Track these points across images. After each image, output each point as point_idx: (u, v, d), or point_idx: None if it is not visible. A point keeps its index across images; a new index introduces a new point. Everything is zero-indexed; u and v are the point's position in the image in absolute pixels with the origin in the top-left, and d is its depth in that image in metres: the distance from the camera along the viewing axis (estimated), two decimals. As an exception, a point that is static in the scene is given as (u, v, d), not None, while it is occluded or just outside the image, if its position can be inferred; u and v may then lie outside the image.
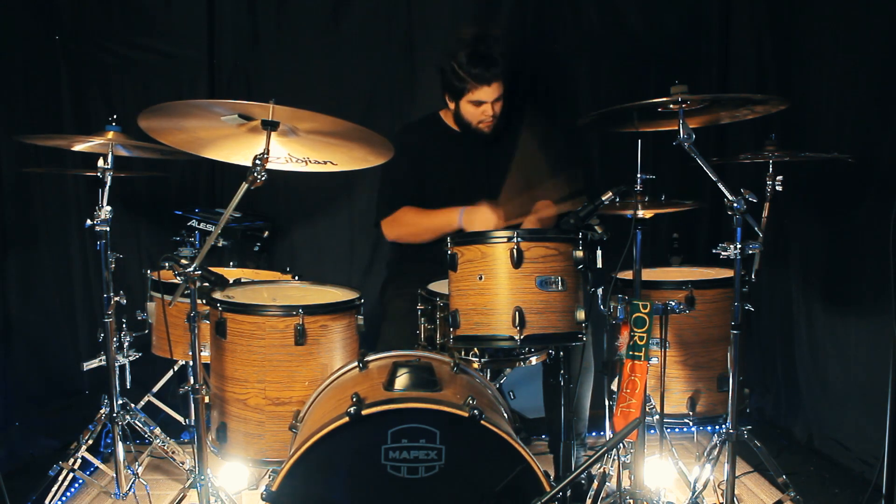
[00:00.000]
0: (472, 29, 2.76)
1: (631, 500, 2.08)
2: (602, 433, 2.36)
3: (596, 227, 2.03)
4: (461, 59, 2.67)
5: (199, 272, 1.98)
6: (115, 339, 2.53)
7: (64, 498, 2.66)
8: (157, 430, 2.63)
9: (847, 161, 2.57)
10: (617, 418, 2.00)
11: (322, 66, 3.46)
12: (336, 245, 3.57)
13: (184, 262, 1.97)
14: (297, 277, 2.67)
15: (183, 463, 2.62)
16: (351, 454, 1.70)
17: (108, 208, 2.38)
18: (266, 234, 3.32)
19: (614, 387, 2.11)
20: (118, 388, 2.52)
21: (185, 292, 2.01)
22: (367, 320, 2.30)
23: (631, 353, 1.98)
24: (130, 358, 2.68)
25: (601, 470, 2.28)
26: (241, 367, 2.14)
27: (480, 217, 2.58)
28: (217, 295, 2.23)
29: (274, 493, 1.66)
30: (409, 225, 2.78)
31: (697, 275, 2.66)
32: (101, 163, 2.41)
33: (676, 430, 3.23)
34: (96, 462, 2.67)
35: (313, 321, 2.14)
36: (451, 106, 2.79)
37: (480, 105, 2.70)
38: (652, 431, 2.23)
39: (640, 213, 2.08)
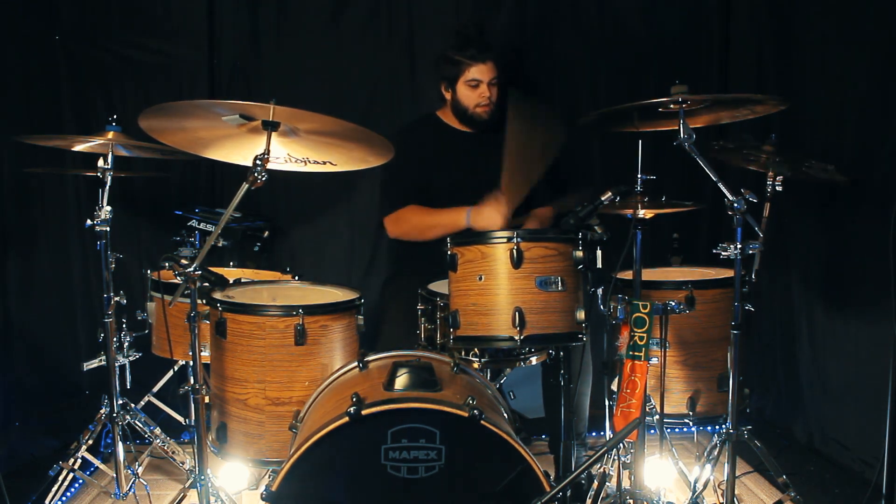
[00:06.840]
0: (465, 20, 2.88)
1: (631, 500, 2.08)
2: (602, 433, 2.36)
3: (596, 227, 2.03)
4: (454, 44, 2.76)
5: (199, 272, 1.98)
6: (115, 339, 2.53)
7: (64, 498, 2.66)
8: (157, 430, 2.63)
9: (846, 165, 2.57)
10: (617, 418, 2.00)
11: (322, 67, 3.46)
12: (336, 245, 3.57)
13: (184, 262, 1.97)
14: (297, 277, 2.68)
15: (183, 463, 2.62)
16: (351, 454, 1.70)
17: (108, 208, 2.38)
18: (266, 234, 3.32)
19: (614, 387, 2.12)
20: (118, 388, 2.52)
21: (185, 292, 2.01)
22: (367, 320, 2.30)
23: (631, 353, 1.98)
24: (130, 358, 2.68)
25: (601, 470, 2.28)
26: (241, 367, 2.14)
27: (487, 216, 2.59)
28: (217, 295, 2.23)
29: (274, 493, 1.66)
30: (414, 223, 2.79)
31: (697, 275, 2.66)
32: (101, 163, 2.42)
33: (676, 430, 3.23)
34: (96, 462, 2.67)
35: (313, 321, 2.14)
36: (448, 96, 2.82)
37: (477, 87, 2.74)
38: (652, 431, 2.23)
39: (640, 213, 2.08)
